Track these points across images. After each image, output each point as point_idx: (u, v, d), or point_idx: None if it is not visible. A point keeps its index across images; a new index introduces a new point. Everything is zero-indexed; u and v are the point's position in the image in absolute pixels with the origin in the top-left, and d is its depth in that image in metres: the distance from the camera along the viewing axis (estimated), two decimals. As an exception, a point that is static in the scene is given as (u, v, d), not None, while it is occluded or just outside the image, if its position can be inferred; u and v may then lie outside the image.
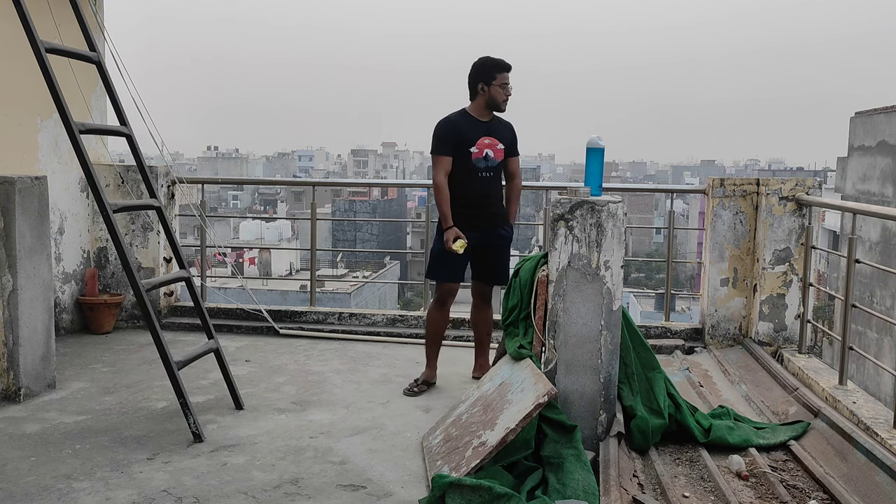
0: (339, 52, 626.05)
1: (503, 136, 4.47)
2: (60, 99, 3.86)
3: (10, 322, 4.20)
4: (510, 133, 4.55)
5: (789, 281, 5.22)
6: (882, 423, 3.52)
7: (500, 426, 3.26)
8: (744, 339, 5.42)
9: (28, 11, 3.84)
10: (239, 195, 76.86)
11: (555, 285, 3.53)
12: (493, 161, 4.41)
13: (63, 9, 4.62)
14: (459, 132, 4.36)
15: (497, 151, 4.42)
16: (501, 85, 4.36)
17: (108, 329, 5.85)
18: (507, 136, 4.50)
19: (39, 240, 4.34)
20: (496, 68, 4.36)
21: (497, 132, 4.45)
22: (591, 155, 3.70)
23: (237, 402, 4.20)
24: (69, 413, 4.05)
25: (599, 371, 3.50)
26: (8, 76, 5.06)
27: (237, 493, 3.13)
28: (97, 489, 3.14)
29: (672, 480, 3.21)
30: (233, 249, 19.00)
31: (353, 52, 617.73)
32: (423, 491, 3.17)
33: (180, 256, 4.46)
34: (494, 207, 4.50)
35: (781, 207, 5.19)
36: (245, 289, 6.42)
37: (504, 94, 4.37)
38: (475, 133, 4.38)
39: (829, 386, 4.11)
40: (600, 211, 3.44)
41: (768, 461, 3.44)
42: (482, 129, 4.40)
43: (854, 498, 3.01)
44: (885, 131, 11.06)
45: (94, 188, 3.93)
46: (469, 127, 4.39)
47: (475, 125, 4.40)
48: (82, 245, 6.01)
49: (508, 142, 4.50)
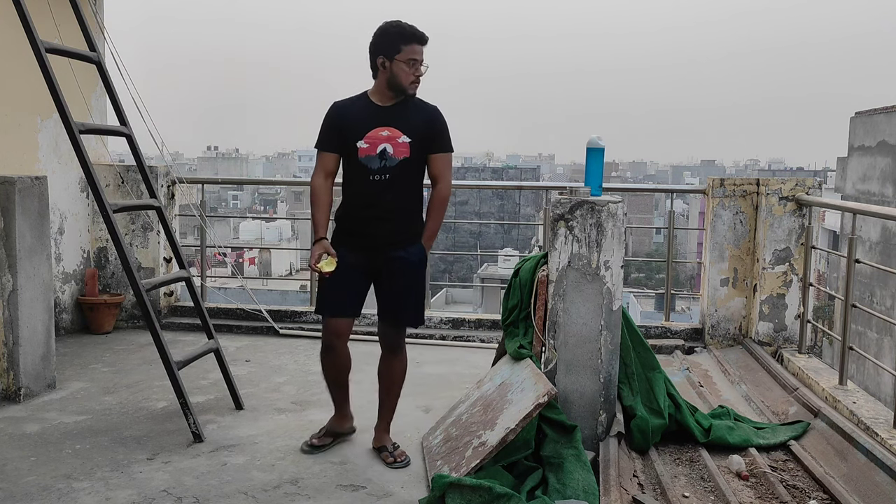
0: (338, 54, 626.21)
1: (412, 125, 3.36)
2: (60, 99, 3.86)
3: (10, 322, 4.20)
4: (427, 122, 3.40)
5: (789, 281, 5.22)
6: (882, 423, 3.52)
7: (500, 426, 3.26)
8: (744, 339, 5.42)
9: (28, 11, 3.84)
10: (239, 195, 76.86)
11: (555, 285, 3.53)
12: (391, 159, 3.32)
13: (63, 9, 4.61)
14: (345, 120, 3.36)
15: (398, 146, 3.32)
16: (409, 61, 3.29)
17: (108, 329, 5.85)
18: (418, 127, 3.36)
19: (39, 240, 4.34)
20: (402, 38, 3.30)
21: (402, 120, 3.35)
22: (591, 155, 3.70)
23: (237, 402, 4.20)
24: (69, 413, 4.05)
25: (599, 371, 3.50)
26: (8, 76, 5.06)
27: (237, 493, 3.13)
28: (97, 489, 3.14)
29: (672, 480, 3.21)
30: (233, 249, 19.01)
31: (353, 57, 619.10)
32: (423, 491, 3.17)
33: (180, 256, 4.46)
34: (388, 221, 3.38)
35: (781, 207, 5.19)
36: (245, 289, 6.42)
37: (412, 73, 3.31)
38: (367, 122, 3.33)
39: (829, 386, 4.11)
40: (600, 211, 3.44)
41: (768, 461, 3.44)
42: (378, 118, 3.34)
43: (854, 498, 3.01)
44: (885, 131, 11.06)
45: (94, 188, 3.93)
46: (361, 114, 3.36)
47: (370, 112, 3.36)
48: (82, 245, 6.01)
49: (421, 133, 3.37)
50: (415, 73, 3.32)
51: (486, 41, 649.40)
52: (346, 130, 3.35)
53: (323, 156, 3.43)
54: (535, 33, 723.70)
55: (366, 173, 3.34)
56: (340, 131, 3.37)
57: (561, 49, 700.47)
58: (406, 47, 3.29)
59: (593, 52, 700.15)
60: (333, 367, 3.58)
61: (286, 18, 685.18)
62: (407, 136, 3.33)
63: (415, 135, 3.35)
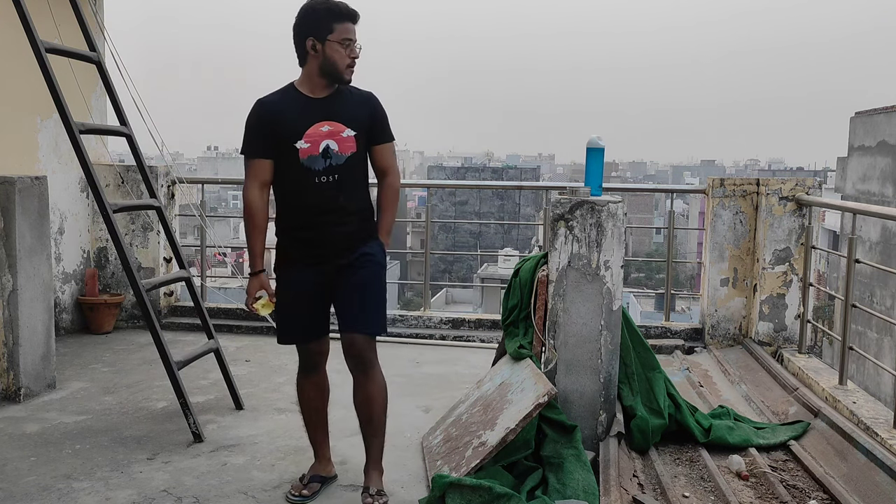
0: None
1: (353, 115, 2.97)
2: (60, 99, 3.86)
3: (10, 322, 4.20)
4: (367, 109, 3.02)
5: (789, 281, 5.22)
6: (882, 423, 3.52)
7: (500, 426, 3.26)
8: (744, 339, 5.42)
9: (28, 11, 3.84)
10: (239, 195, 76.82)
11: (555, 285, 3.53)
12: (337, 157, 2.93)
13: (63, 9, 4.61)
14: (278, 119, 2.93)
15: (343, 141, 2.94)
16: (342, 41, 2.89)
17: (108, 329, 5.85)
18: (359, 116, 2.99)
19: (39, 240, 4.34)
20: (333, 16, 2.89)
21: (342, 111, 2.96)
22: (591, 155, 3.70)
23: (237, 402, 4.20)
24: (69, 413, 4.05)
25: (599, 371, 3.50)
26: (8, 76, 5.07)
27: (237, 493, 3.13)
28: (97, 489, 3.14)
29: (672, 480, 3.21)
30: (233, 249, 18.95)
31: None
32: (423, 491, 3.17)
33: (180, 256, 4.46)
34: (345, 226, 2.98)
35: (781, 207, 5.19)
36: (245, 289, 6.41)
37: (347, 55, 2.91)
38: (304, 118, 2.92)
39: (829, 386, 4.11)
40: (600, 211, 3.44)
41: (768, 461, 3.44)
42: (316, 111, 2.93)
43: (854, 498, 3.01)
44: (885, 131, 11.06)
45: (94, 188, 3.93)
46: (294, 109, 2.94)
47: (304, 106, 2.94)
48: (82, 245, 6.01)
49: (365, 123, 3.00)
50: (350, 55, 2.92)
51: (486, 40, 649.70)
52: (281, 130, 2.91)
53: (255, 164, 2.95)
54: (534, 31, 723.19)
55: (310, 176, 2.90)
56: (273, 132, 2.92)
57: (560, 47, 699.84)
58: (339, 26, 2.89)
59: (593, 51, 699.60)
60: (315, 389, 3.15)
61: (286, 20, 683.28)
62: (350, 128, 2.94)
63: (359, 126, 2.96)
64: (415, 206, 55.55)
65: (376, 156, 3.08)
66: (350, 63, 2.93)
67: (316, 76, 2.94)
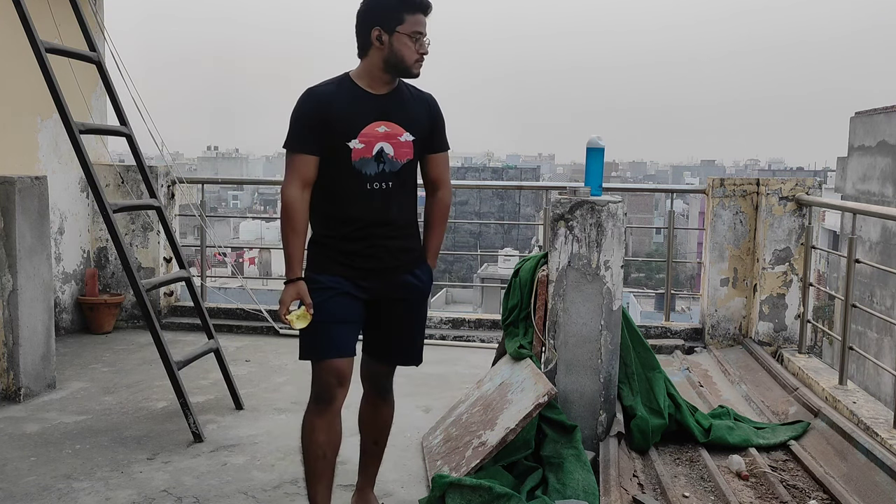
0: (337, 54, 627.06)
1: (413, 118, 2.67)
2: (60, 99, 3.86)
3: (10, 322, 4.20)
4: (430, 115, 2.73)
5: (789, 281, 5.22)
6: (882, 423, 3.52)
7: (500, 426, 3.26)
8: (744, 339, 5.42)
9: (28, 11, 3.84)
10: (239, 195, 76.86)
11: (555, 285, 3.53)
12: (391, 163, 2.62)
13: (63, 9, 4.61)
14: (330, 112, 2.57)
15: (400, 146, 2.63)
16: (412, 34, 2.57)
17: (108, 329, 5.85)
18: (420, 121, 2.69)
19: (39, 240, 4.34)
20: (405, 6, 2.57)
21: (402, 113, 2.65)
22: (591, 155, 3.70)
23: (237, 402, 4.20)
24: (69, 413, 4.05)
25: (599, 371, 3.50)
26: (8, 76, 5.07)
27: (237, 493, 3.13)
28: (97, 489, 3.14)
29: (672, 480, 3.21)
30: (233, 249, 18.97)
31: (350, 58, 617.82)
32: (423, 491, 3.17)
33: (180, 256, 4.46)
34: (394, 240, 2.68)
35: (781, 207, 5.19)
36: (245, 289, 6.42)
37: (417, 49, 2.59)
38: (361, 115, 2.59)
39: (829, 386, 4.11)
40: (600, 211, 3.44)
41: (768, 461, 3.44)
42: (374, 109, 2.61)
43: (854, 498, 3.01)
44: (885, 131, 11.07)
45: (94, 188, 3.93)
46: (350, 104, 2.60)
47: (363, 102, 2.61)
48: (82, 245, 6.01)
49: (425, 128, 2.70)
50: (419, 51, 2.60)
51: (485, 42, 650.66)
52: (335, 126, 2.57)
53: (299, 159, 2.58)
54: (534, 32, 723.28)
55: (360, 181, 2.59)
56: (324, 127, 2.56)
57: (560, 47, 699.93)
58: (410, 17, 2.56)
59: (593, 50, 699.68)
60: (327, 432, 2.66)
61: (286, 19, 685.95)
62: (410, 132, 2.63)
63: (418, 131, 2.66)
64: (415, 206, 55.42)
65: (430, 165, 2.77)
66: (418, 59, 2.60)
67: (378, 70, 2.60)
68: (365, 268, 2.64)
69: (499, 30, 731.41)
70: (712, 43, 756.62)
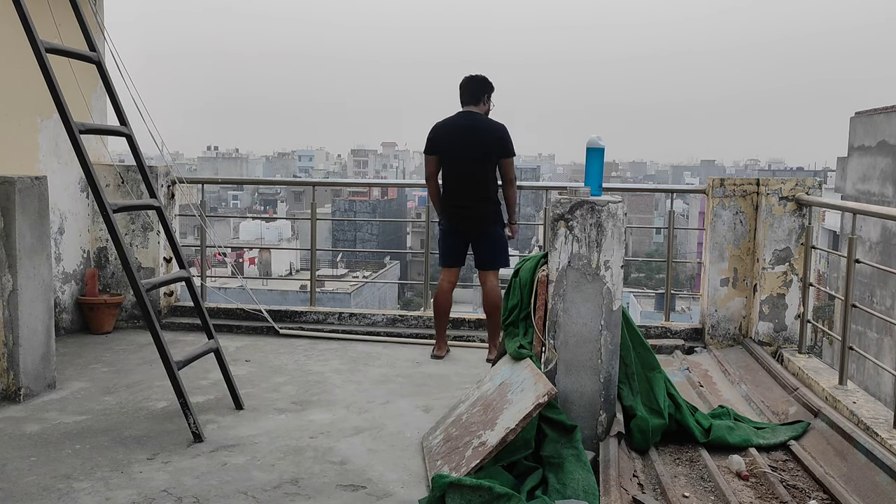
0: (336, 45, 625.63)
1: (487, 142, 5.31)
2: (60, 99, 3.86)
3: (10, 322, 4.20)
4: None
5: (789, 281, 5.22)
6: (882, 423, 3.52)
7: (500, 426, 3.26)
8: (744, 339, 5.42)
9: (28, 12, 3.84)
10: (239, 195, 76.86)
11: (555, 285, 3.53)
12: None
13: (63, 9, 4.61)
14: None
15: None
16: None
17: (108, 329, 5.85)
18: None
19: (39, 240, 4.34)
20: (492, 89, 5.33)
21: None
22: (591, 155, 3.70)
23: (237, 402, 4.20)
24: (69, 413, 4.05)
25: (599, 371, 3.50)
26: (8, 76, 5.07)
27: (237, 493, 3.13)
28: (97, 489, 3.14)
29: (672, 480, 3.21)
30: (233, 249, 19.00)
31: (354, 53, 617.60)
32: (423, 491, 3.17)
33: (180, 256, 4.46)
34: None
35: (781, 207, 5.19)
36: (245, 289, 6.42)
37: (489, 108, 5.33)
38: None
39: (829, 386, 4.11)
40: (600, 211, 3.44)
41: (768, 461, 3.44)
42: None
43: (854, 498, 3.01)
44: (885, 131, 11.07)
45: (94, 188, 3.93)
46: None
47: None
48: (82, 245, 6.01)
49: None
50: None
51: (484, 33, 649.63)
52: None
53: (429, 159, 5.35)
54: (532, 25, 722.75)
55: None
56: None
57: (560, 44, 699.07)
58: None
59: (592, 48, 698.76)
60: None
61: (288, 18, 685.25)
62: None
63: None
64: (415, 206, 55.53)
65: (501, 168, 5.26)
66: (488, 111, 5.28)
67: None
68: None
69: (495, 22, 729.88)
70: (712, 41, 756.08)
